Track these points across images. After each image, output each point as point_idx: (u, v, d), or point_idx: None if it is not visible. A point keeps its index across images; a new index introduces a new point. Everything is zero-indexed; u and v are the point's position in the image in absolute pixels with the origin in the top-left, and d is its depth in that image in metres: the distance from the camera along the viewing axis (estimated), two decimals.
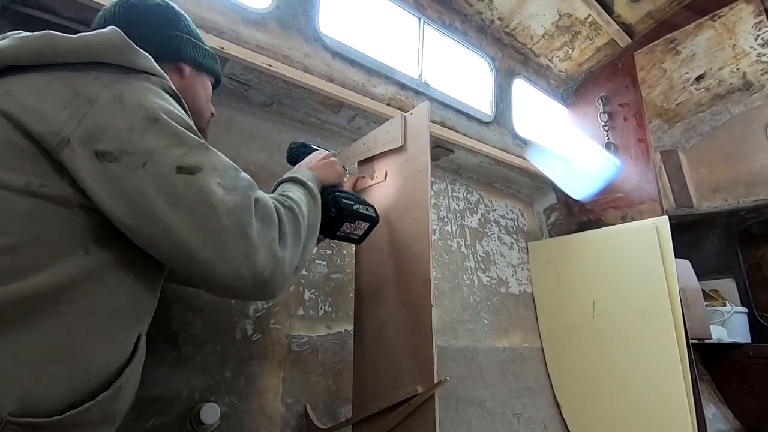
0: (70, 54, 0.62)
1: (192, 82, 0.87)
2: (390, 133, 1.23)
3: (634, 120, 2.16)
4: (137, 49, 0.66)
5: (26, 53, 0.61)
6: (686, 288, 2.08)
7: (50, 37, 0.63)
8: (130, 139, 0.58)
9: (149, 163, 0.58)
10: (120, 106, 0.60)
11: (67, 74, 0.62)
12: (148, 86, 0.64)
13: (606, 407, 1.85)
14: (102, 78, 0.62)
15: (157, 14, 0.83)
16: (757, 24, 2.08)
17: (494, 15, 2.06)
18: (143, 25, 0.80)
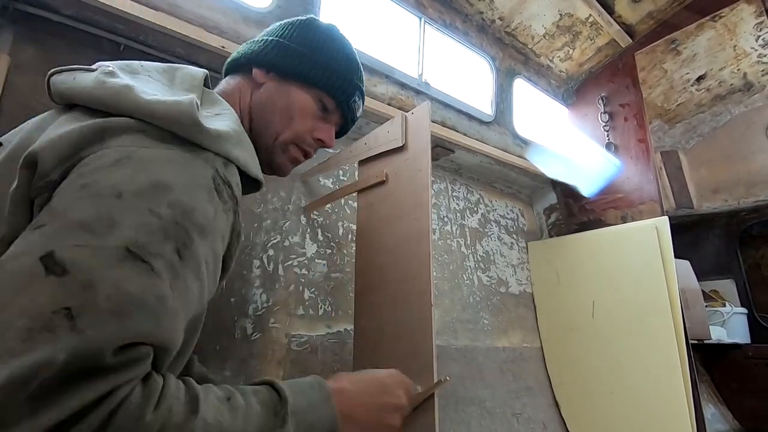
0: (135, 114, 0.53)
1: (267, 93, 0.73)
2: (390, 133, 1.23)
3: (634, 120, 2.16)
4: (205, 128, 0.54)
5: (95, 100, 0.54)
6: (686, 288, 2.08)
7: (123, 92, 0.54)
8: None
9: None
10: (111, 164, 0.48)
11: None
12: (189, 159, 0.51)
13: (605, 407, 1.85)
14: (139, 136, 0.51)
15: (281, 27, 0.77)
16: (758, 25, 2.08)
17: (495, 15, 2.05)
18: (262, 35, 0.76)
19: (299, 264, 1.46)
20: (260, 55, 0.73)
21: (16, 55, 1.06)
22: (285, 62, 0.73)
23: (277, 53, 0.73)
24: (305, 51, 0.74)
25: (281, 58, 0.73)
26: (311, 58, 0.74)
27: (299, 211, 1.51)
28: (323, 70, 0.75)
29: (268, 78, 0.74)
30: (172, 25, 1.14)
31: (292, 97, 0.74)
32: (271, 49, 0.73)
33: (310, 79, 0.74)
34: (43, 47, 1.11)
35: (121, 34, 1.16)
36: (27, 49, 1.08)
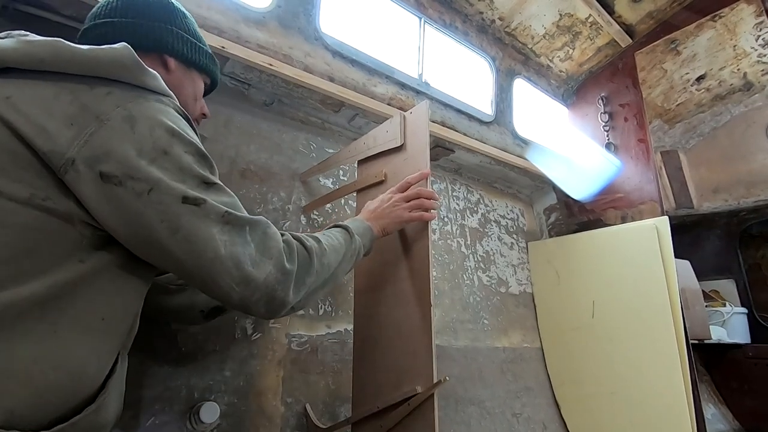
0: (77, 66, 0.61)
1: (178, 78, 0.84)
2: (389, 133, 1.23)
3: (634, 120, 2.16)
4: (147, 69, 0.66)
5: (31, 59, 0.60)
6: (686, 288, 2.08)
7: (59, 45, 0.61)
8: (137, 165, 0.59)
9: (154, 190, 0.59)
10: (130, 129, 0.60)
11: (74, 86, 0.60)
12: (160, 107, 0.65)
13: (605, 407, 1.85)
14: (115, 94, 0.61)
15: (151, 6, 0.81)
16: (758, 24, 2.08)
17: (495, 15, 2.05)
18: (136, 14, 0.79)
19: None
20: (170, 45, 0.81)
21: None
22: (189, 53, 0.85)
23: (183, 45, 0.84)
24: (195, 41, 0.87)
25: (187, 50, 0.84)
26: (199, 47, 0.88)
27: (299, 211, 1.51)
28: (207, 56, 0.90)
29: (176, 64, 0.84)
30: None
31: (194, 83, 0.89)
32: (178, 41, 0.83)
33: (203, 66, 0.89)
34: None
35: None
36: None
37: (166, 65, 0.82)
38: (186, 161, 0.63)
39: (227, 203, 0.66)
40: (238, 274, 0.62)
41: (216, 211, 0.63)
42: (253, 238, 0.66)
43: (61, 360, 0.56)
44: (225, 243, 0.62)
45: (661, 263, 1.76)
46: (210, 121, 1.35)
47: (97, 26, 0.77)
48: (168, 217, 0.59)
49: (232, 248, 0.62)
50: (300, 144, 1.58)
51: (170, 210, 0.59)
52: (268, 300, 0.66)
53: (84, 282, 0.59)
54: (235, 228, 0.64)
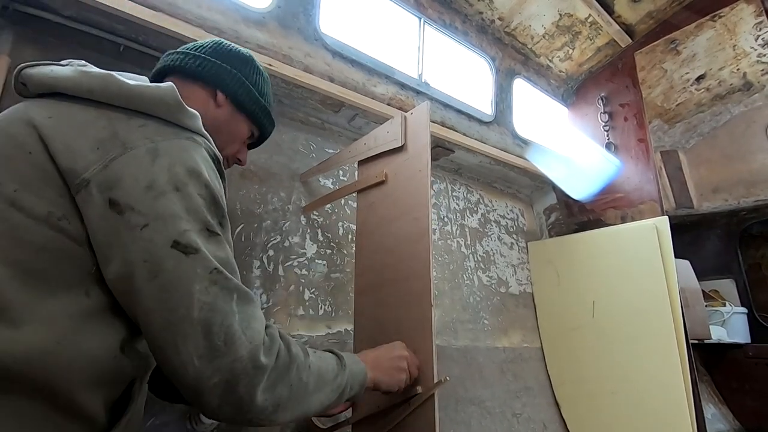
0: (122, 100, 0.62)
1: (223, 114, 0.87)
2: (390, 133, 1.23)
3: (634, 120, 2.16)
4: (187, 109, 0.66)
5: (81, 88, 0.62)
6: (686, 288, 2.08)
7: (109, 79, 0.63)
8: (142, 198, 0.57)
9: (149, 227, 0.56)
10: (150, 161, 0.59)
11: (113, 114, 0.62)
12: (189, 145, 0.64)
13: (606, 407, 1.85)
14: (148, 127, 0.62)
15: (228, 53, 0.89)
16: (758, 24, 2.08)
17: (494, 15, 2.05)
18: (212, 53, 0.87)
19: (299, 264, 1.46)
20: (228, 85, 0.87)
21: (17, 56, 1.06)
22: (243, 99, 0.89)
23: (240, 88, 0.88)
24: (256, 93, 0.91)
25: (242, 94, 0.89)
26: (260, 101, 0.92)
27: (299, 211, 1.51)
28: (264, 112, 0.94)
29: (227, 103, 0.88)
30: (172, 26, 1.14)
31: (239, 127, 0.92)
32: (236, 83, 0.88)
33: (256, 118, 0.93)
34: (43, 48, 1.11)
35: (121, 35, 1.16)
36: (27, 50, 1.08)
37: (216, 99, 0.86)
38: (195, 202, 0.60)
39: (222, 260, 0.60)
40: (204, 345, 0.54)
41: (205, 265, 0.57)
42: (236, 310, 0.58)
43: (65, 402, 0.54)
44: (202, 305, 0.55)
45: (661, 263, 1.76)
46: None
47: (178, 53, 0.87)
48: (152, 258, 0.55)
49: (208, 313, 0.55)
50: (300, 144, 1.58)
51: (156, 251, 0.56)
52: (227, 390, 0.55)
53: (89, 316, 0.57)
54: (220, 292, 0.57)
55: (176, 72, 0.86)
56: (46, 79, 0.64)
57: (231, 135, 0.90)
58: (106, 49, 1.18)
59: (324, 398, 0.72)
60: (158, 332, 0.55)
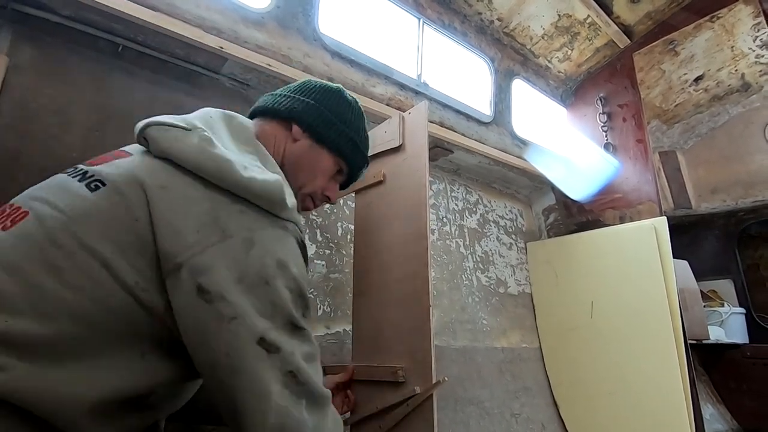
0: (231, 187, 0.64)
1: (301, 150, 0.85)
2: (388, 133, 1.23)
3: (632, 121, 2.17)
4: (287, 205, 0.67)
5: (198, 168, 0.63)
6: (684, 288, 2.08)
7: (225, 167, 0.64)
8: (233, 289, 0.58)
9: (237, 320, 0.57)
10: (244, 252, 0.60)
11: (218, 197, 0.63)
12: (281, 235, 0.65)
13: (604, 407, 1.85)
14: (247, 215, 0.63)
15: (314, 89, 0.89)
16: (756, 25, 2.09)
17: (494, 15, 2.06)
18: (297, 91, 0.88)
19: None
20: (302, 116, 0.84)
21: (14, 55, 1.06)
22: (322, 129, 0.85)
23: (316, 118, 0.85)
24: (338, 123, 0.87)
25: (319, 124, 0.85)
26: (342, 131, 0.87)
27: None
28: (350, 143, 0.89)
29: (304, 137, 0.85)
30: (171, 26, 1.14)
31: (321, 160, 0.87)
32: (312, 113, 0.85)
33: (339, 149, 0.88)
34: (42, 48, 1.10)
35: (120, 35, 1.16)
36: (25, 50, 1.08)
37: (291, 132, 0.84)
38: (282, 297, 0.61)
39: (306, 354, 0.62)
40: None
41: (285, 365, 0.59)
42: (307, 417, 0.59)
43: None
44: (279, 409, 0.57)
45: (660, 263, 1.77)
46: None
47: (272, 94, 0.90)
48: (235, 353, 0.57)
49: (283, 419, 0.57)
50: None
51: (240, 347, 0.57)
52: None
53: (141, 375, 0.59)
54: (297, 396, 0.59)
55: (259, 113, 0.88)
56: (170, 149, 0.65)
57: (312, 170, 0.86)
58: (104, 48, 1.18)
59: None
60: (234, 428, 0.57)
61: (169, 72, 1.28)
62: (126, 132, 1.19)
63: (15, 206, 0.62)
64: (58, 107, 1.10)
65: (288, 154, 0.83)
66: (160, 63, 1.26)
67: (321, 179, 0.88)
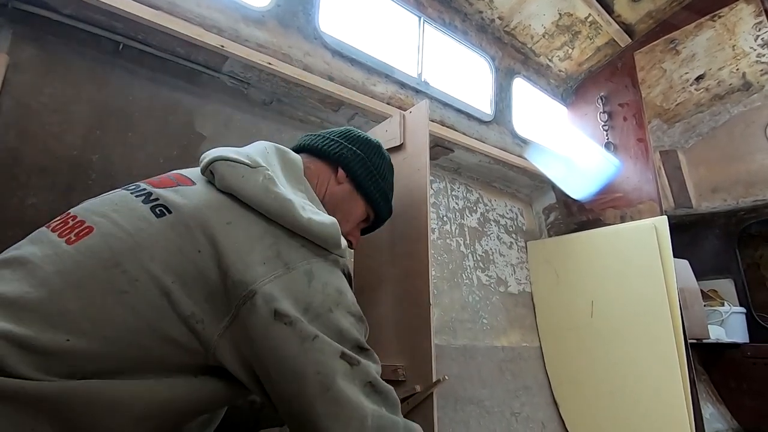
0: (291, 226, 0.67)
1: (342, 193, 0.91)
2: (389, 132, 1.23)
3: (633, 120, 2.16)
4: (340, 244, 0.71)
5: (261, 207, 0.67)
6: (685, 288, 2.08)
7: (288, 206, 0.67)
8: (308, 312, 0.62)
9: (319, 338, 0.60)
10: (307, 283, 0.64)
11: (278, 233, 0.67)
12: (333, 268, 0.69)
13: (604, 406, 1.85)
14: (306, 249, 0.67)
15: (359, 139, 0.96)
16: (757, 24, 2.08)
17: (494, 14, 2.05)
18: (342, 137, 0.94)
19: None
20: (349, 162, 0.91)
21: (15, 54, 1.06)
22: (363, 178, 0.93)
23: (360, 167, 0.92)
24: (377, 176, 0.95)
25: (362, 174, 0.92)
26: (379, 183, 0.96)
27: None
28: (382, 196, 0.97)
29: (347, 181, 0.92)
30: (171, 24, 1.14)
31: (356, 206, 0.94)
32: (357, 162, 0.92)
33: (373, 199, 0.95)
34: (42, 46, 1.10)
35: (120, 33, 1.16)
36: (26, 48, 1.08)
37: (336, 175, 0.91)
38: (347, 323, 0.65)
39: (377, 370, 0.66)
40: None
41: (365, 379, 0.63)
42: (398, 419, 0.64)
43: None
44: (373, 413, 0.60)
45: (660, 263, 1.76)
46: (210, 120, 1.35)
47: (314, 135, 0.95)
48: (325, 370, 0.59)
49: (380, 421, 0.60)
50: None
51: (328, 363, 0.60)
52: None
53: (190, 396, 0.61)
54: (385, 401, 0.64)
55: (307, 150, 0.93)
56: (234, 186, 0.68)
57: (347, 213, 0.92)
58: (105, 47, 1.18)
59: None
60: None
61: (170, 70, 1.28)
62: (127, 130, 1.20)
63: (78, 219, 0.63)
64: (59, 106, 1.10)
65: (329, 193, 0.89)
66: (161, 61, 1.26)
67: (351, 224, 0.95)
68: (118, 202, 0.65)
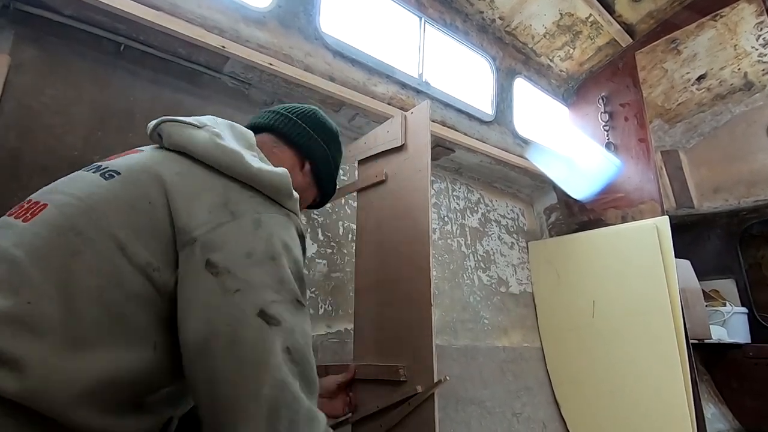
0: (243, 177, 0.68)
1: (304, 183, 0.94)
2: (390, 132, 1.23)
3: (634, 120, 2.16)
4: (293, 195, 0.73)
5: (213, 161, 0.68)
6: (686, 288, 2.08)
7: (238, 159, 0.68)
8: (241, 263, 0.61)
9: (241, 292, 0.59)
10: (253, 231, 0.64)
11: (229, 183, 0.67)
12: (286, 222, 0.69)
13: (605, 407, 1.85)
14: (256, 200, 0.68)
15: (326, 129, 0.98)
16: (759, 24, 2.08)
17: (495, 14, 2.05)
18: (314, 127, 0.95)
19: None
20: (317, 158, 0.95)
21: (17, 55, 1.06)
22: (325, 173, 0.97)
23: (324, 163, 0.97)
24: (335, 169, 1.00)
25: (324, 169, 0.97)
26: (334, 174, 1.01)
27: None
28: (333, 186, 1.03)
29: (309, 174, 0.95)
30: (173, 25, 1.14)
31: (310, 194, 0.99)
32: (323, 157, 0.96)
33: (326, 189, 1.01)
34: (44, 47, 1.11)
35: (122, 34, 1.17)
36: (27, 49, 1.08)
37: (303, 168, 0.94)
38: (287, 274, 0.64)
39: (305, 333, 0.62)
40: (265, 427, 0.54)
41: (285, 340, 0.58)
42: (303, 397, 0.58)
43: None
44: (274, 382, 0.55)
45: (662, 263, 1.76)
46: None
47: (277, 113, 0.94)
48: (236, 323, 0.57)
49: (278, 392, 0.55)
50: None
51: (242, 318, 0.57)
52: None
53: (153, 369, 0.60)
54: (294, 372, 0.58)
55: (273, 131, 0.93)
56: (183, 142, 0.70)
57: (302, 201, 0.93)
58: (106, 48, 1.18)
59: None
60: (220, 405, 0.55)
61: (171, 71, 1.28)
62: (128, 131, 1.20)
63: (33, 201, 0.63)
64: (60, 107, 1.11)
65: (293, 182, 0.89)
66: (162, 62, 1.26)
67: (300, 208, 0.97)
68: (72, 179, 0.67)
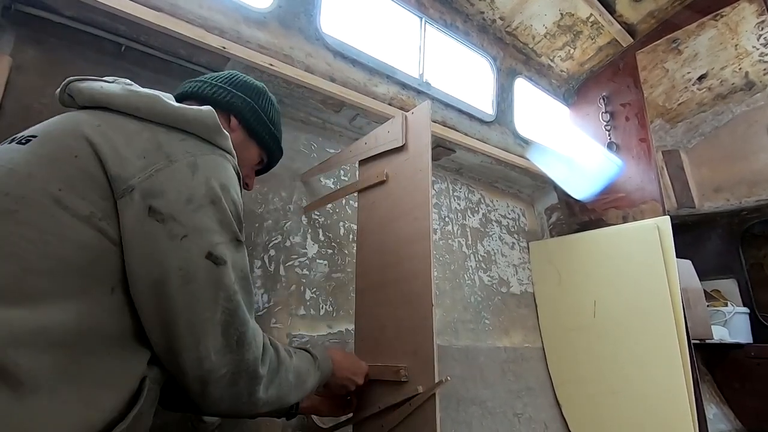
0: (166, 119, 0.69)
1: (236, 140, 0.90)
2: (391, 133, 1.23)
3: (635, 120, 2.16)
4: (222, 131, 0.73)
5: (129, 107, 0.68)
6: (688, 288, 2.07)
7: (156, 100, 0.69)
8: (184, 210, 0.63)
9: (188, 237, 0.62)
10: (190, 175, 0.65)
11: (156, 128, 0.68)
12: (221, 162, 0.70)
13: (607, 407, 1.85)
14: (188, 142, 0.68)
15: (244, 84, 0.96)
16: (760, 24, 2.08)
17: (496, 14, 2.05)
18: (231, 85, 0.94)
19: (300, 264, 1.46)
20: (241, 111, 0.93)
21: (18, 56, 1.06)
22: (256, 125, 0.95)
23: (251, 115, 0.94)
24: (268, 122, 0.98)
25: (254, 121, 0.95)
26: (270, 128, 0.99)
27: (300, 211, 1.51)
28: (273, 139, 1.01)
29: (239, 129, 0.94)
30: (173, 26, 1.14)
31: (250, 152, 0.98)
32: (248, 110, 0.94)
33: (265, 144, 0.99)
34: (45, 48, 1.11)
35: (123, 35, 1.17)
36: (28, 50, 1.09)
37: (230, 124, 0.93)
38: (228, 215, 0.67)
39: (245, 267, 0.69)
40: (222, 342, 0.63)
41: (230, 276, 0.65)
42: (249, 319, 0.68)
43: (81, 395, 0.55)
44: (224, 309, 0.64)
45: (663, 263, 1.76)
46: None
47: (197, 81, 0.93)
48: (187, 266, 0.61)
49: (228, 317, 0.64)
50: (301, 144, 1.58)
51: (192, 260, 0.62)
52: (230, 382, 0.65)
53: (112, 313, 0.60)
54: (240, 301, 0.66)
55: (194, 98, 0.91)
56: (96, 94, 0.70)
57: (242, 159, 0.93)
58: (107, 49, 1.18)
59: (301, 392, 0.84)
60: (180, 331, 0.61)
61: (172, 72, 1.29)
62: None
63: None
64: (61, 107, 1.11)
65: None
66: (163, 63, 1.26)
67: (246, 168, 0.98)
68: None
